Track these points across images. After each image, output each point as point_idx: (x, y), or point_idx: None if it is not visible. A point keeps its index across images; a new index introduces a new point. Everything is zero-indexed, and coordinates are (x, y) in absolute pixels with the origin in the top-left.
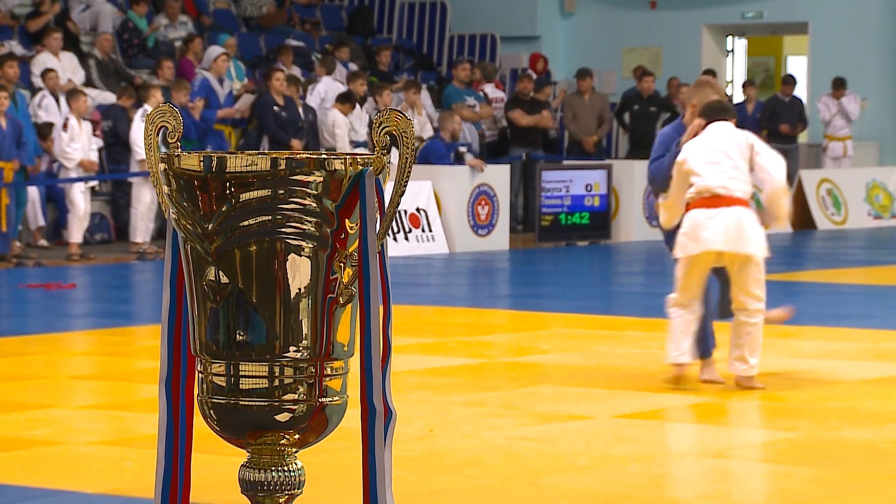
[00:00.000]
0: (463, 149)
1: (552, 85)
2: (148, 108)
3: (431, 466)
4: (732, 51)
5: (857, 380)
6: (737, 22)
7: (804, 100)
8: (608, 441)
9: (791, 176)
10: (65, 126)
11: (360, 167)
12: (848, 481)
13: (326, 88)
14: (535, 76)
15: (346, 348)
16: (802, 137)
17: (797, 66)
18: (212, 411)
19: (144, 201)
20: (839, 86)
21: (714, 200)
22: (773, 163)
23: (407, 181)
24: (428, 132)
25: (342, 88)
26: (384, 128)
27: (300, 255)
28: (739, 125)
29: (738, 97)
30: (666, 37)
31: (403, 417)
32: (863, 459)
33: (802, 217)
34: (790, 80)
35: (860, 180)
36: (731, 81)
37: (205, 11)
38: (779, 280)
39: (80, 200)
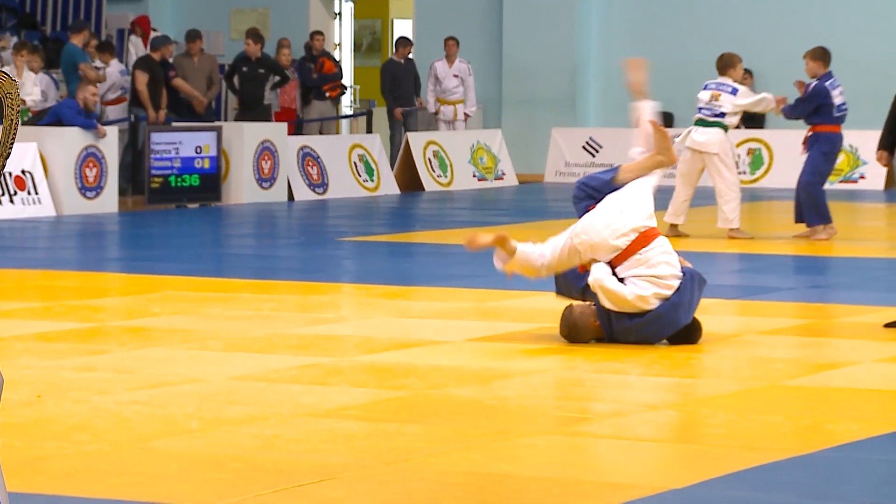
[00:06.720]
0: None
1: (173, 44)
2: None
3: (39, 432)
4: (340, 14)
5: (463, 339)
6: None
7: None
8: (220, 403)
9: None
10: None
11: None
12: (455, 438)
13: None
14: (143, 36)
15: None
16: None
17: (404, 28)
18: None
19: None
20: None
21: None
22: None
23: (13, 143)
24: (32, 94)
25: None
26: None
27: None
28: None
29: (346, 62)
30: None
31: (10, 384)
32: (469, 416)
33: (410, 179)
34: (406, 42)
35: (465, 143)
36: (339, 44)
37: None
38: (386, 241)
39: None
